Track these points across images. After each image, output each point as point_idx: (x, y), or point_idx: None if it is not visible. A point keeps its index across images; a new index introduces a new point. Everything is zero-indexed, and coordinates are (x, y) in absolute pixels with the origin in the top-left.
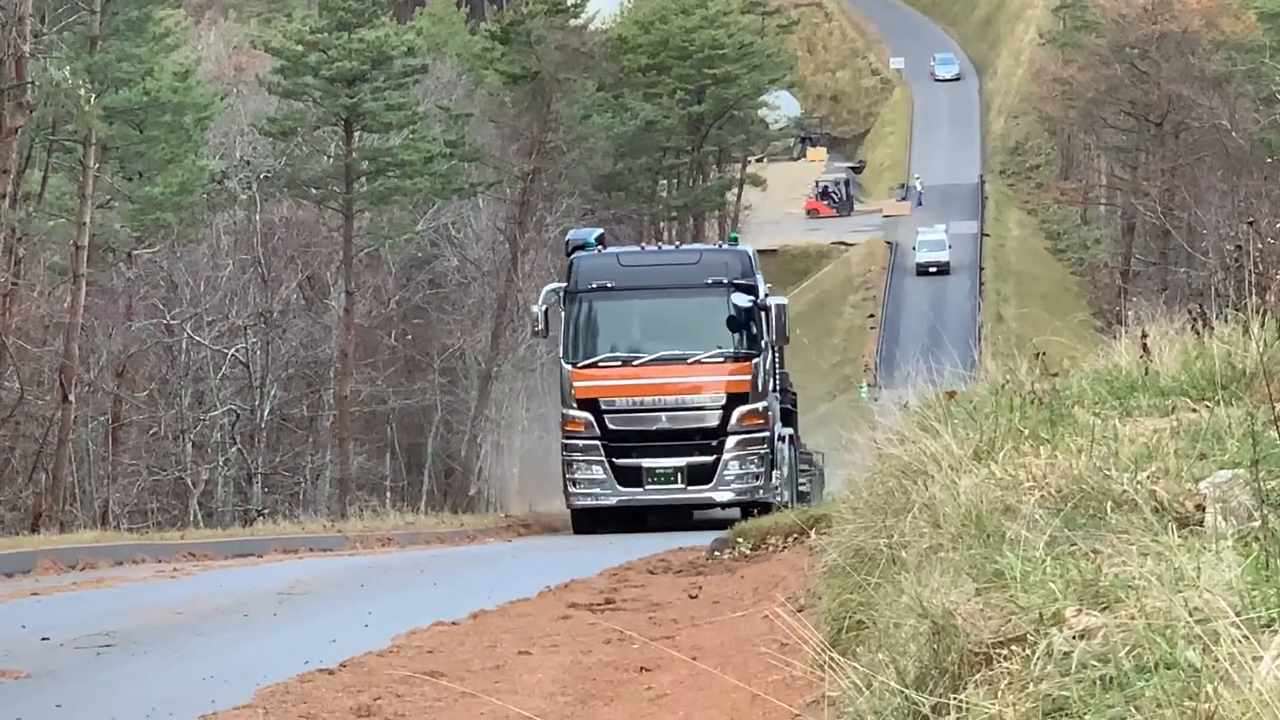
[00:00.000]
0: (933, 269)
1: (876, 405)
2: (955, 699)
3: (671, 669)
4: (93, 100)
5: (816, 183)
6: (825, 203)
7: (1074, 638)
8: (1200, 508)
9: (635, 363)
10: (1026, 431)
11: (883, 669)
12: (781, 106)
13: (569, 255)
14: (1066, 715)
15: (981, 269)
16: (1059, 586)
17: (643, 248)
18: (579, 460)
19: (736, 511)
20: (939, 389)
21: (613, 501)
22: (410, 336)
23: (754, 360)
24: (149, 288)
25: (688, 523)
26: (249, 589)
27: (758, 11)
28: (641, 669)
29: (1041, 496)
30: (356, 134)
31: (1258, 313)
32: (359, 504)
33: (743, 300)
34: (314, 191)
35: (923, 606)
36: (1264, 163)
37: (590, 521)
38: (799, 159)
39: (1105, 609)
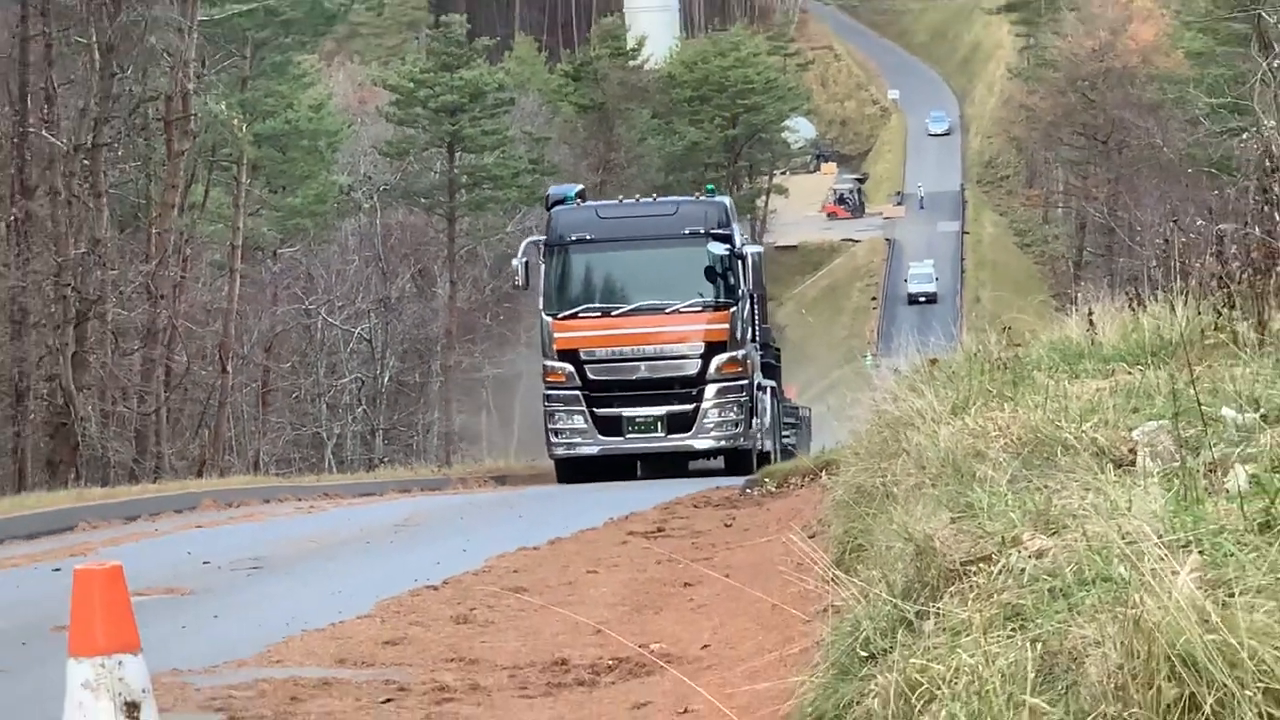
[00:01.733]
0: (922, 299)
1: (876, 371)
2: (934, 607)
3: (709, 584)
4: (244, 128)
5: (833, 190)
6: (842, 207)
7: (1029, 557)
8: (1132, 451)
9: (614, 313)
10: (994, 391)
11: (876, 583)
12: (800, 130)
13: (549, 209)
14: (1023, 619)
15: (963, 260)
16: (1017, 516)
17: (620, 200)
18: (560, 410)
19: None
20: (925, 357)
21: (594, 450)
22: (502, 317)
23: (732, 309)
24: (290, 279)
25: (682, 472)
26: (371, 522)
27: (781, 53)
28: (685, 584)
29: (1005, 443)
30: (458, 154)
31: (1181, 294)
32: (461, 453)
33: (719, 249)
34: (423, 201)
35: (909, 532)
36: (1189, 173)
37: (573, 471)
38: (814, 172)
39: (1054, 534)
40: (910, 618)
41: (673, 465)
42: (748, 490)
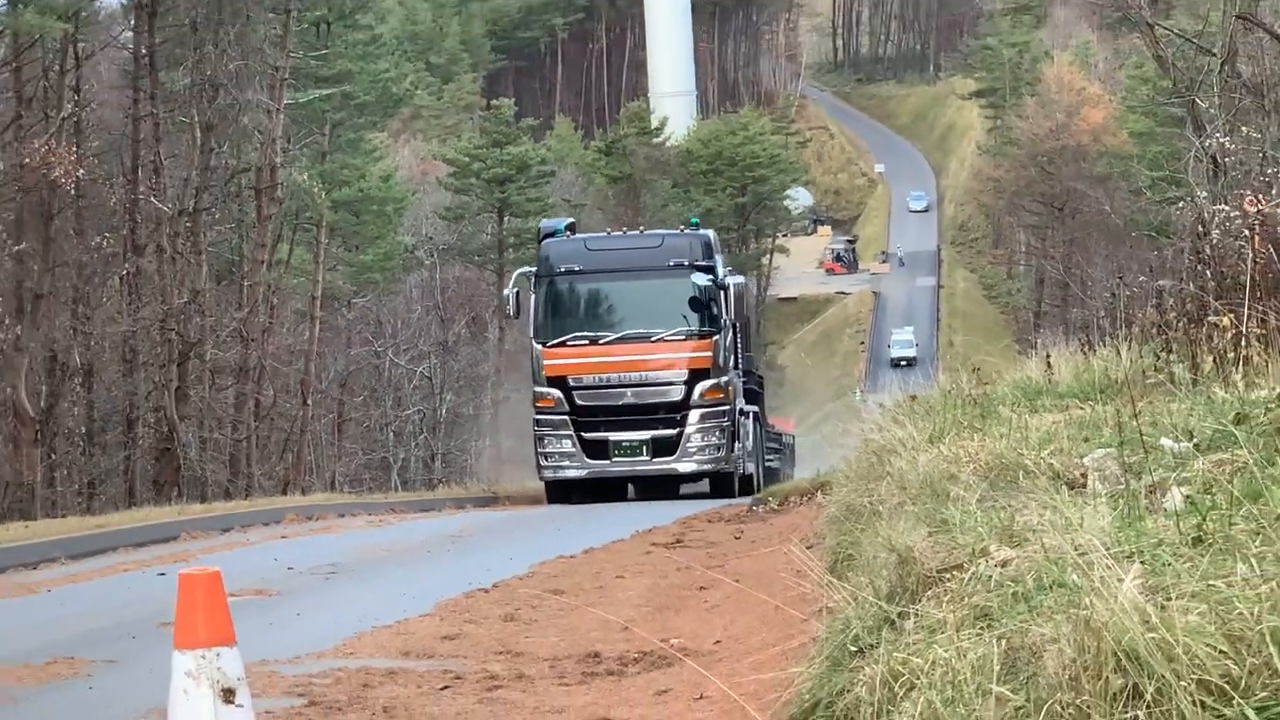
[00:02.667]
0: (903, 363)
1: (864, 405)
2: (913, 608)
3: (721, 588)
4: (323, 196)
5: (830, 250)
6: (839, 264)
7: (995, 566)
8: (1084, 475)
9: (601, 341)
10: (965, 423)
11: (864, 588)
12: (799, 198)
13: (540, 242)
14: (990, 619)
15: (938, 310)
16: (985, 530)
17: (609, 233)
18: (549, 435)
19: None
20: (906, 394)
21: (582, 473)
22: None
23: (714, 338)
24: (363, 325)
25: (673, 494)
26: (431, 533)
27: (783, 133)
28: (700, 588)
29: (974, 468)
30: (506, 218)
31: (1126, 341)
32: (508, 474)
33: (702, 280)
34: (476, 258)
35: (892, 544)
36: (1132, 236)
37: (563, 493)
38: (811, 235)
39: (1017, 546)
40: (893, 618)
41: (662, 488)
42: (754, 508)
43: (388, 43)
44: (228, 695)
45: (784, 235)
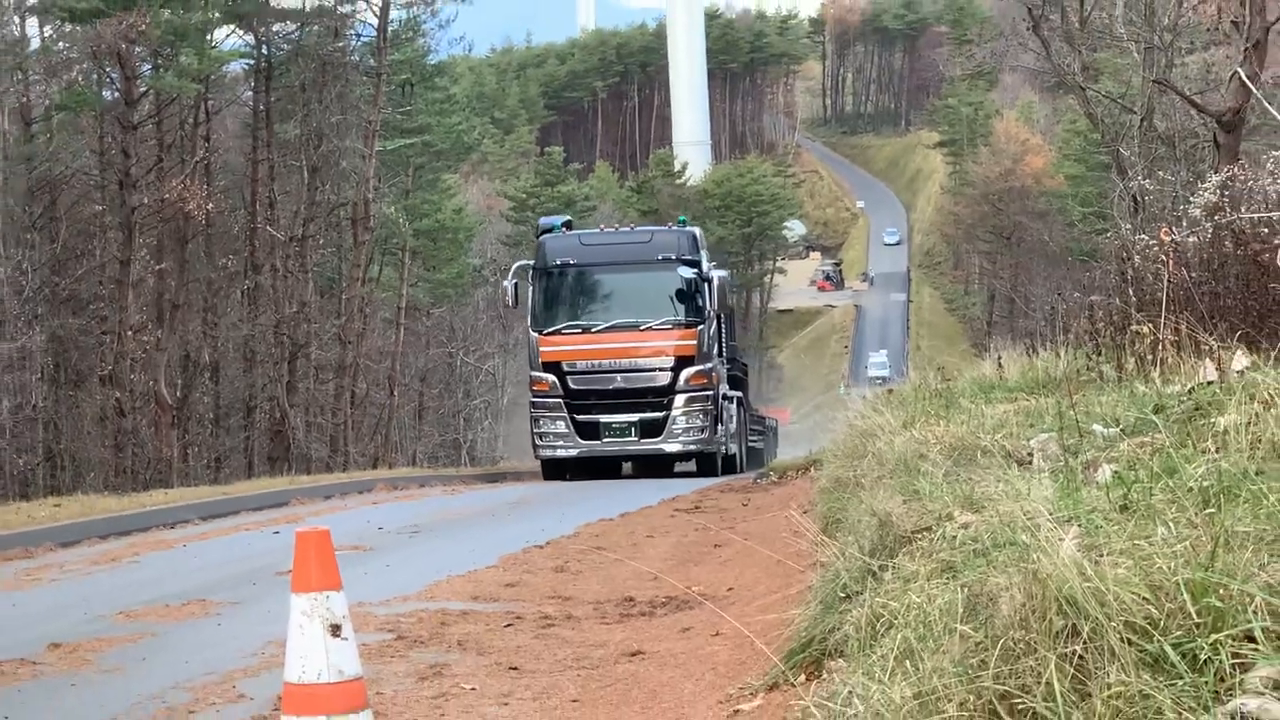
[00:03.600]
0: (879, 381)
1: (848, 398)
2: (891, 563)
3: (732, 546)
4: (407, 225)
5: (821, 271)
6: (829, 282)
7: (959, 528)
8: (1030, 454)
9: (594, 330)
10: (932, 412)
11: (851, 545)
12: (794, 228)
13: (538, 237)
14: (954, 571)
15: (908, 320)
16: (950, 499)
17: (602, 229)
18: (545, 416)
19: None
20: (883, 388)
21: (574, 452)
22: None
23: (699, 327)
24: (439, 331)
25: (667, 472)
26: (496, 501)
27: (782, 174)
28: (715, 546)
29: (940, 448)
30: None
31: (1063, 345)
32: None
33: (687, 273)
34: None
35: (873, 510)
36: (1067, 261)
37: (557, 470)
38: (804, 258)
39: (976, 512)
40: (875, 570)
41: (657, 466)
42: (758, 480)
43: (460, 101)
44: (335, 630)
45: (782, 259)
